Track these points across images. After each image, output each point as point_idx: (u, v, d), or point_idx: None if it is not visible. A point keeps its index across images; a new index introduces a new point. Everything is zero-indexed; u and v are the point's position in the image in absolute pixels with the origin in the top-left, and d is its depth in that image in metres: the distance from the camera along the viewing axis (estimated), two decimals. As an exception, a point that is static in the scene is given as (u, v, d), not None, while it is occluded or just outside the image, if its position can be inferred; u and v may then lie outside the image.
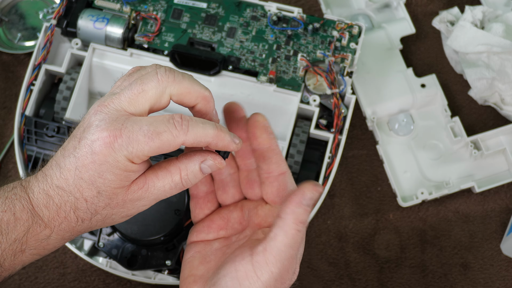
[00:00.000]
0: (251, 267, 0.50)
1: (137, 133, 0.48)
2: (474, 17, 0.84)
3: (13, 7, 0.91)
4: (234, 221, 0.58)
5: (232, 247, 0.56)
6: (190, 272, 0.55)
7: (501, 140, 0.83)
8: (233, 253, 0.53)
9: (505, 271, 0.80)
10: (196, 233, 0.59)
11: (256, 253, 0.50)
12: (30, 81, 0.78)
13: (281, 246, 0.50)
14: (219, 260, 0.55)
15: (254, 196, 0.58)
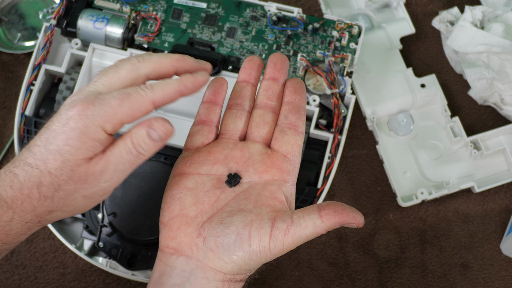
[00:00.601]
0: (267, 239, 0.50)
1: (108, 99, 0.50)
2: (473, 17, 0.84)
3: (13, 7, 0.91)
4: (231, 159, 0.56)
5: (227, 193, 0.54)
6: (181, 211, 0.54)
7: (500, 140, 0.83)
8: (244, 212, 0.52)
9: (505, 271, 0.80)
10: (190, 162, 0.56)
11: (278, 229, 0.51)
12: (30, 81, 0.78)
13: (304, 237, 0.51)
14: (213, 204, 0.54)
15: (257, 137, 0.57)
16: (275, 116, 0.58)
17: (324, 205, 0.52)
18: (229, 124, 0.58)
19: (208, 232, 0.52)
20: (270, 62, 0.58)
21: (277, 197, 0.54)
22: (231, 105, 0.59)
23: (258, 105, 0.58)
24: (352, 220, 0.51)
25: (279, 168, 0.55)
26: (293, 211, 0.52)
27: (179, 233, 0.53)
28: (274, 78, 0.58)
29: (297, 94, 0.57)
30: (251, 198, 0.53)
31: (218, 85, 0.59)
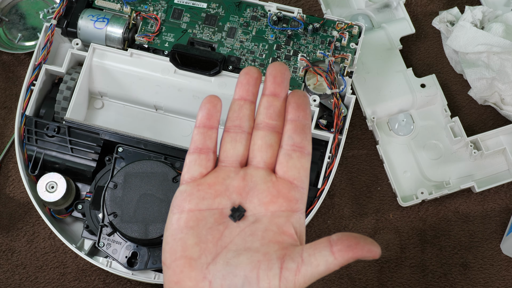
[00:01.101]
0: (277, 281, 0.47)
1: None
2: (474, 17, 0.84)
3: (13, 7, 0.91)
4: (233, 190, 0.51)
5: (231, 228, 0.50)
6: (184, 253, 0.49)
7: (501, 140, 0.83)
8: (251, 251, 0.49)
9: (505, 271, 0.80)
10: (190, 198, 0.51)
11: (288, 270, 0.47)
12: (30, 81, 0.78)
13: (316, 275, 0.47)
14: (217, 242, 0.50)
15: (260, 162, 0.52)
16: (278, 137, 0.53)
17: (336, 239, 0.48)
18: (229, 150, 0.53)
19: (214, 275, 0.48)
20: (269, 74, 0.53)
21: (285, 231, 0.50)
22: (229, 127, 0.53)
23: (259, 125, 0.53)
24: (367, 253, 0.47)
25: (286, 198, 0.51)
26: (303, 248, 0.48)
27: (182, 277, 0.49)
28: (274, 93, 0.53)
29: (301, 111, 0.52)
30: (258, 234, 0.49)
31: (211, 107, 0.53)
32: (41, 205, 0.77)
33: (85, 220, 0.75)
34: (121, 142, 0.75)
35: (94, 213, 0.75)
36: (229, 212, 0.51)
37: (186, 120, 0.81)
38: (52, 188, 0.76)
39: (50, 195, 0.75)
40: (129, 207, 0.71)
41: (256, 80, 0.53)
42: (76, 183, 0.79)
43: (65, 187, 0.76)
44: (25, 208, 0.82)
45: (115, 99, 0.81)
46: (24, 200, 0.82)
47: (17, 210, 0.82)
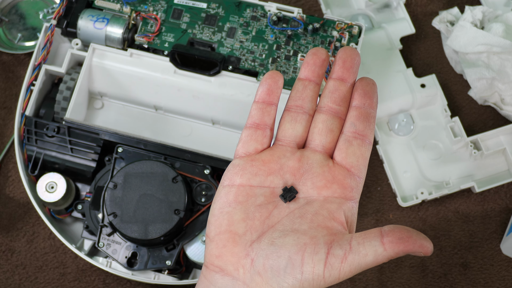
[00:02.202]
0: (321, 267, 0.46)
1: None
2: (474, 17, 0.84)
3: (13, 7, 0.91)
4: (287, 170, 0.50)
5: (280, 209, 0.49)
6: (229, 227, 0.48)
7: (501, 140, 0.83)
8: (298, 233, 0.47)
9: (505, 271, 0.80)
10: (242, 172, 0.50)
11: (334, 256, 0.46)
12: (30, 81, 0.78)
13: (363, 265, 0.46)
14: (264, 221, 0.49)
15: (318, 146, 0.51)
16: (340, 123, 0.52)
17: (388, 230, 0.46)
18: (288, 129, 0.52)
19: (257, 253, 0.47)
20: (339, 58, 0.52)
21: (336, 217, 0.49)
22: (290, 106, 0.52)
23: (322, 108, 0.52)
24: (419, 248, 0.45)
25: (341, 184, 0.50)
26: (352, 235, 0.47)
27: (225, 252, 0.48)
28: (342, 78, 0.52)
29: (367, 98, 0.52)
30: (307, 217, 0.48)
31: (272, 82, 0.51)
32: (41, 205, 0.77)
33: (85, 220, 0.75)
34: (121, 142, 0.75)
35: (94, 213, 0.75)
36: (280, 192, 0.50)
37: (186, 120, 0.81)
38: (52, 188, 0.76)
39: (50, 195, 0.75)
40: (129, 207, 0.71)
41: (323, 62, 0.52)
42: (76, 183, 0.79)
43: (65, 187, 0.76)
44: (25, 208, 0.82)
45: (115, 99, 0.81)
46: (24, 200, 0.82)
47: (17, 210, 0.82)
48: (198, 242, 0.74)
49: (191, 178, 0.73)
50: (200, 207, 0.73)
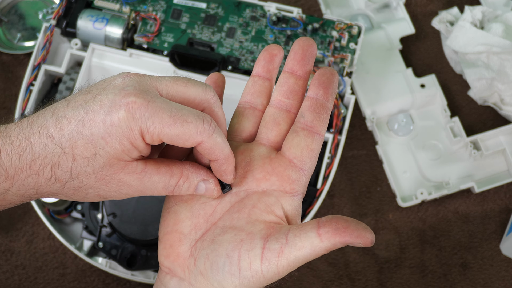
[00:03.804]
0: (258, 262, 0.44)
1: (164, 111, 0.44)
2: (473, 17, 0.84)
3: (13, 7, 0.91)
4: None
5: (223, 204, 0.49)
6: (175, 226, 0.48)
7: (500, 140, 0.83)
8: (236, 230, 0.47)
9: (504, 271, 0.80)
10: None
11: (270, 250, 0.45)
12: (29, 82, 0.78)
13: (301, 258, 0.45)
14: (208, 218, 0.48)
15: (263, 139, 0.50)
16: (289, 116, 0.51)
17: (325, 221, 0.44)
18: (234, 124, 0.52)
19: (199, 253, 0.47)
20: (291, 50, 0.51)
21: (273, 211, 0.47)
22: (240, 102, 0.53)
23: (272, 102, 0.51)
24: (357, 239, 0.43)
25: (280, 176, 0.48)
26: (290, 228, 0.45)
27: (172, 252, 0.48)
28: (292, 70, 0.51)
29: (321, 89, 0.49)
30: (244, 212, 0.47)
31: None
32: (40, 206, 0.77)
33: (85, 221, 0.75)
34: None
35: (94, 213, 0.75)
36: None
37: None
38: (51, 188, 0.75)
39: (49, 196, 0.75)
40: (128, 208, 0.71)
41: (273, 57, 0.51)
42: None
43: (64, 188, 0.75)
44: (24, 208, 0.82)
45: (114, 99, 0.81)
46: (24, 200, 0.82)
47: (16, 210, 0.82)
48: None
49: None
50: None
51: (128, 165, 0.45)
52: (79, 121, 0.44)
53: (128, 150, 0.44)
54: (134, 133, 0.44)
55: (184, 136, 0.44)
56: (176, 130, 0.44)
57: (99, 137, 0.44)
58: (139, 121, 0.43)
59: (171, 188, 0.47)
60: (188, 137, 0.44)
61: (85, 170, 0.45)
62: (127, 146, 0.44)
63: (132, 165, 0.46)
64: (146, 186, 0.46)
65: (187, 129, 0.44)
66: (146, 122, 0.43)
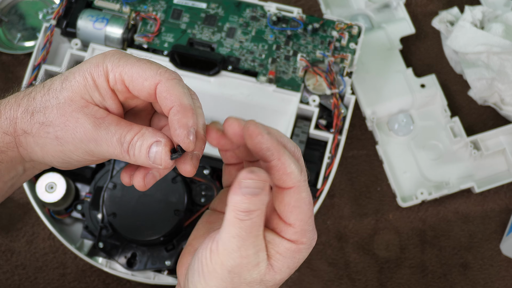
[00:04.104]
0: (209, 254, 0.46)
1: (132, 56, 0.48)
2: (473, 17, 0.84)
3: (13, 8, 0.91)
4: None
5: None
6: (191, 241, 0.51)
7: (500, 140, 0.83)
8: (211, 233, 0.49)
9: (504, 271, 0.80)
10: (219, 200, 0.53)
11: (212, 240, 0.46)
12: (30, 82, 0.78)
13: (226, 237, 0.45)
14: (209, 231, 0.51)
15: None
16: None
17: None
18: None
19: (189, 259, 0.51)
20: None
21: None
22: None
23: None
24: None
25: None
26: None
27: (180, 262, 0.51)
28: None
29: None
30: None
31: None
32: (41, 206, 0.77)
33: (85, 221, 0.75)
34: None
35: (94, 213, 0.75)
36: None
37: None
38: (52, 188, 0.76)
39: (49, 196, 0.75)
40: (128, 208, 0.71)
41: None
42: (76, 183, 0.79)
43: (65, 188, 0.76)
44: (25, 208, 0.82)
45: (114, 99, 0.81)
46: (23, 200, 0.82)
47: (16, 210, 0.82)
48: (198, 243, 0.74)
49: (191, 178, 0.73)
50: (200, 208, 0.73)
51: (88, 105, 0.48)
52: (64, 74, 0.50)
53: (90, 86, 0.48)
54: (99, 69, 0.47)
55: (144, 73, 0.47)
56: (138, 68, 0.47)
57: (71, 72, 0.48)
58: (106, 59, 0.47)
59: (125, 144, 0.47)
60: (147, 75, 0.47)
61: (50, 102, 0.48)
62: (89, 81, 0.48)
63: (92, 108, 0.48)
64: (101, 134, 0.47)
65: (148, 68, 0.47)
66: (112, 61, 0.47)
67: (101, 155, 0.49)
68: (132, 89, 0.48)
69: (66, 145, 0.48)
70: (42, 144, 0.49)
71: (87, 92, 0.48)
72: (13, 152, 0.51)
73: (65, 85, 0.48)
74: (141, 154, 0.47)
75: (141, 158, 0.47)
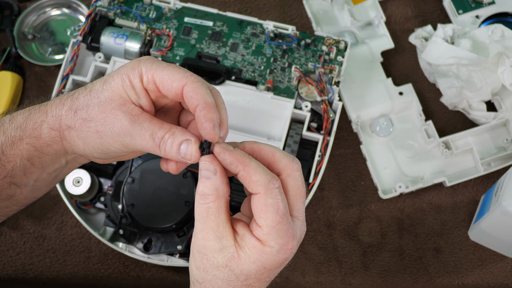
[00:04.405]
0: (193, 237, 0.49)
1: (163, 62, 0.49)
2: (445, 34, 0.84)
3: (45, 25, 0.91)
4: None
5: None
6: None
7: (468, 140, 0.83)
8: None
9: (472, 254, 0.80)
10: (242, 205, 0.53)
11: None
12: (59, 90, 0.78)
13: (195, 222, 0.47)
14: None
15: None
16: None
17: None
18: None
19: None
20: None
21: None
22: None
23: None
24: None
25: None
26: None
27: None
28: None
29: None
30: None
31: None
32: (69, 198, 0.77)
33: (107, 211, 0.75)
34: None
35: (115, 204, 0.75)
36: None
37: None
38: (78, 182, 0.76)
39: (76, 189, 0.76)
40: (145, 199, 0.71)
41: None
42: (99, 178, 0.79)
43: (90, 182, 0.76)
44: (55, 200, 0.82)
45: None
46: (54, 193, 0.82)
47: (47, 202, 0.82)
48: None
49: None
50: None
51: (126, 103, 0.48)
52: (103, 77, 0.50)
53: (127, 85, 0.48)
54: (134, 72, 0.48)
55: (173, 76, 0.48)
56: (167, 71, 0.48)
57: (110, 75, 0.49)
58: (141, 63, 0.48)
59: (157, 139, 0.48)
60: (176, 78, 0.48)
61: (92, 101, 0.49)
62: (126, 81, 0.48)
63: (129, 106, 0.48)
64: (135, 129, 0.48)
65: (177, 72, 0.48)
66: (146, 65, 0.48)
67: (135, 148, 0.49)
68: (162, 89, 0.48)
69: (105, 137, 0.49)
70: (84, 137, 0.49)
71: (125, 91, 0.48)
72: (58, 145, 0.51)
73: (106, 86, 0.49)
74: (172, 150, 0.48)
75: (171, 153, 0.48)
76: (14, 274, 0.79)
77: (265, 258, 0.46)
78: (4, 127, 0.51)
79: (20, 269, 0.79)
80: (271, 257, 0.46)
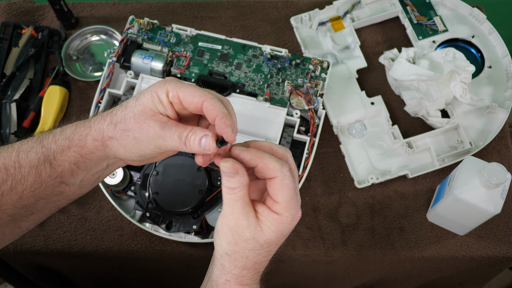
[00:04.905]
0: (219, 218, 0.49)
1: (185, 82, 0.49)
2: (408, 55, 0.84)
3: (86, 48, 0.91)
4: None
5: None
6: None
7: (427, 141, 0.83)
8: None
9: (429, 232, 0.80)
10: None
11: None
12: (98, 100, 0.78)
13: (224, 206, 0.48)
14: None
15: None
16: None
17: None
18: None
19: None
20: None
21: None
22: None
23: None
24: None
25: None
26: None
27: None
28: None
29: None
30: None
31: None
32: (105, 187, 0.77)
33: (136, 197, 0.75)
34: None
35: (143, 192, 0.75)
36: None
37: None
38: (113, 175, 0.76)
39: (112, 180, 0.75)
40: (167, 188, 0.71)
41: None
42: (130, 171, 0.79)
43: (122, 174, 0.76)
44: (95, 189, 0.82)
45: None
46: (94, 183, 0.82)
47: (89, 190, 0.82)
48: (215, 213, 0.74)
49: (210, 168, 0.73)
50: (217, 188, 0.73)
51: (156, 114, 0.49)
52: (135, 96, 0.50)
53: (156, 100, 0.48)
54: (161, 89, 0.48)
55: (194, 93, 0.48)
56: (189, 90, 0.48)
57: (142, 93, 0.49)
58: (167, 83, 0.48)
59: (183, 138, 0.48)
60: (196, 94, 0.48)
61: (128, 115, 0.49)
62: (155, 97, 0.48)
63: (158, 116, 0.49)
64: (166, 133, 0.48)
65: (197, 90, 0.48)
66: (171, 84, 0.48)
67: (166, 148, 0.49)
68: (184, 103, 0.49)
69: (142, 142, 0.49)
70: (124, 144, 0.50)
71: (154, 105, 0.48)
72: (100, 152, 0.51)
73: (138, 102, 0.49)
74: (195, 144, 0.48)
75: (194, 147, 0.48)
76: (62, 248, 0.79)
77: (282, 227, 0.48)
78: (55, 138, 0.51)
79: (67, 244, 0.79)
80: (286, 225, 0.48)
